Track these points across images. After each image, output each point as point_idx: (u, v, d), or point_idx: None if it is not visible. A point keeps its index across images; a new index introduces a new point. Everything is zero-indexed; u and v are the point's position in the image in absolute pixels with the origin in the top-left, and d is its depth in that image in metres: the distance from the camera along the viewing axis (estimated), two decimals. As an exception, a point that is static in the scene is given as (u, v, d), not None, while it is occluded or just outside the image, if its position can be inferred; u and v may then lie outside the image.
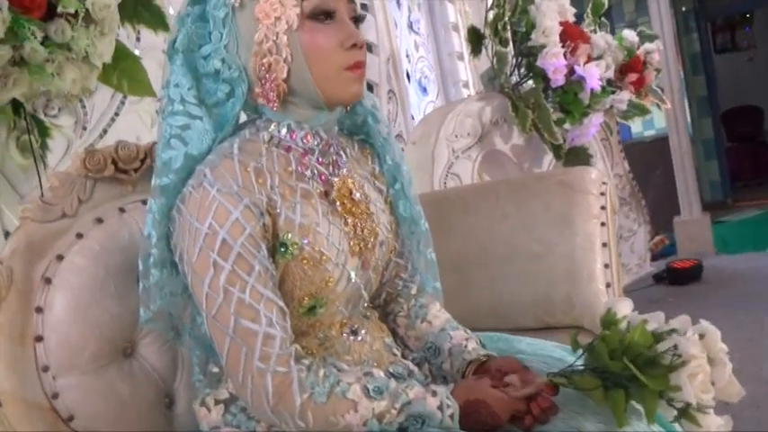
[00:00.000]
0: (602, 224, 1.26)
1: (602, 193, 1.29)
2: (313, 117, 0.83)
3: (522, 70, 1.89)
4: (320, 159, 0.84)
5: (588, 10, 2.55)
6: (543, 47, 1.72)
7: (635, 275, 3.17)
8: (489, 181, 1.67)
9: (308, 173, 0.83)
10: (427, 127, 1.80)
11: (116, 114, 1.50)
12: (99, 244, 0.92)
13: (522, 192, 1.37)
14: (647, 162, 4.28)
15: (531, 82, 1.85)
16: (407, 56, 2.86)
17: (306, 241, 0.78)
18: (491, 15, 1.78)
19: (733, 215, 4.71)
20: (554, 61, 1.69)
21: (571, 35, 1.76)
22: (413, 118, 2.64)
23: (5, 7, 1.00)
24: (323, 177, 0.84)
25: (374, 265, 0.88)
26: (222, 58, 0.81)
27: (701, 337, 0.78)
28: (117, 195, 0.99)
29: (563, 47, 1.74)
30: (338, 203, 0.83)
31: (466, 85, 2.97)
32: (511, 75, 1.87)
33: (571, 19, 1.88)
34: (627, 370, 0.73)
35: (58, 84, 1.13)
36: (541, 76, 1.77)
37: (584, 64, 1.77)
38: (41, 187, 1.30)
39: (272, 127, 0.83)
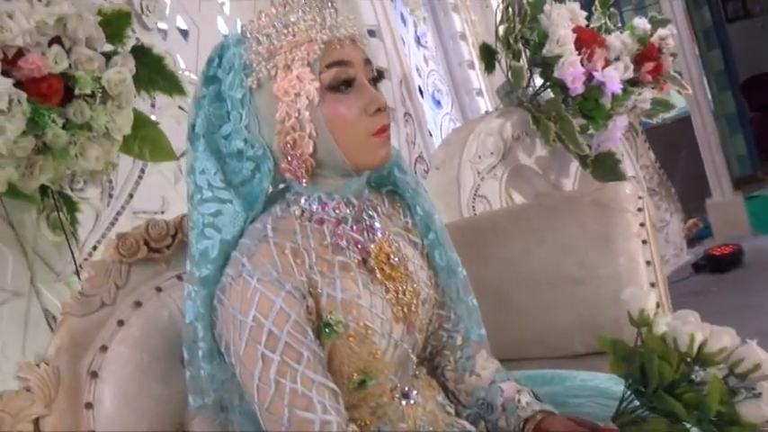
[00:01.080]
0: (644, 242, 1.22)
1: (640, 209, 1.25)
2: (343, 186, 0.81)
3: (539, 80, 1.85)
4: (354, 227, 0.83)
5: (596, 3, 2.50)
6: (559, 57, 1.68)
7: (673, 266, 3.10)
8: (520, 204, 1.64)
9: (344, 243, 0.81)
10: (449, 150, 1.77)
11: (140, 177, 1.51)
12: (140, 330, 0.91)
13: (555, 214, 1.33)
14: (672, 145, 4.18)
15: (549, 92, 1.82)
16: (418, 71, 2.84)
17: (350, 317, 0.77)
18: (501, 30, 1.74)
19: (766, 189, 4.58)
20: (572, 70, 1.65)
21: (586, 41, 1.72)
22: (430, 134, 2.62)
23: (24, 99, 1.01)
24: (359, 246, 0.82)
25: (419, 326, 0.87)
26: (244, 138, 0.79)
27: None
28: (152, 275, 0.98)
29: (579, 54, 1.70)
30: (377, 271, 0.82)
31: (480, 93, 2.94)
32: (527, 87, 1.83)
33: (583, 22, 1.83)
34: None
35: (83, 164, 1.13)
36: (560, 86, 1.73)
37: (603, 68, 1.73)
38: (75, 263, 1.31)
39: (303, 201, 0.81)
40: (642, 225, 1.24)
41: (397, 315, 0.82)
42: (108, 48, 1.21)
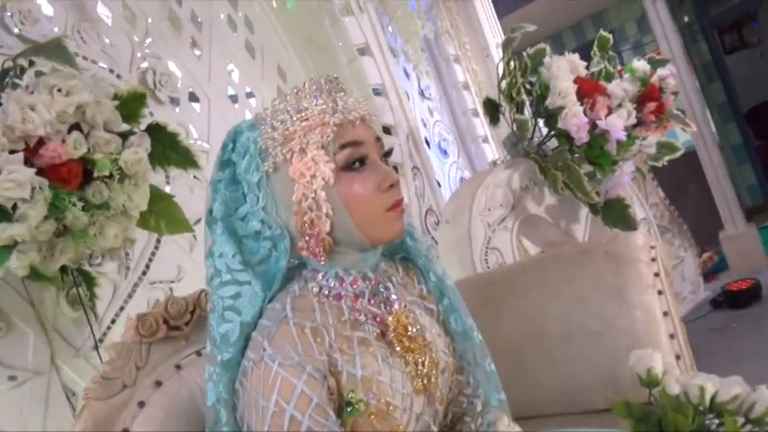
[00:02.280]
0: (660, 292, 1.22)
1: (653, 259, 1.25)
2: (359, 261, 0.83)
3: (543, 129, 1.88)
4: (371, 300, 0.84)
5: (595, 48, 2.55)
6: (562, 108, 1.71)
7: (691, 303, 3.06)
8: (533, 257, 1.65)
9: (362, 318, 0.82)
10: (459, 203, 1.79)
11: (156, 248, 1.53)
12: (162, 410, 0.92)
13: (569, 267, 1.34)
14: (680, 179, 4.18)
15: (554, 140, 1.84)
16: (424, 123, 2.89)
17: (371, 395, 0.77)
18: (504, 84, 1.78)
19: (778, 217, 4.55)
20: (575, 121, 1.68)
21: (587, 91, 1.75)
22: (439, 185, 2.65)
23: (46, 186, 1.04)
24: (377, 319, 0.83)
25: (439, 396, 0.86)
26: (261, 219, 0.82)
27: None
28: (172, 352, 1.00)
29: (581, 104, 1.73)
30: (396, 344, 0.82)
31: (485, 140, 2.99)
32: (532, 137, 1.86)
33: (583, 72, 1.87)
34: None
35: (101, 242, 1.16)
36: (565, 136, 1.76)
37: (606, 116, 1.75)
38: (95, 338, 1.32)
39: (320, 277, 0.83)
40: (656, 275, 1.24)
41: (417, 388, 0.82)
42: (125, 127, 1.25)
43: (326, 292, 0.82)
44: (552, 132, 1.81)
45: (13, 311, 1.26)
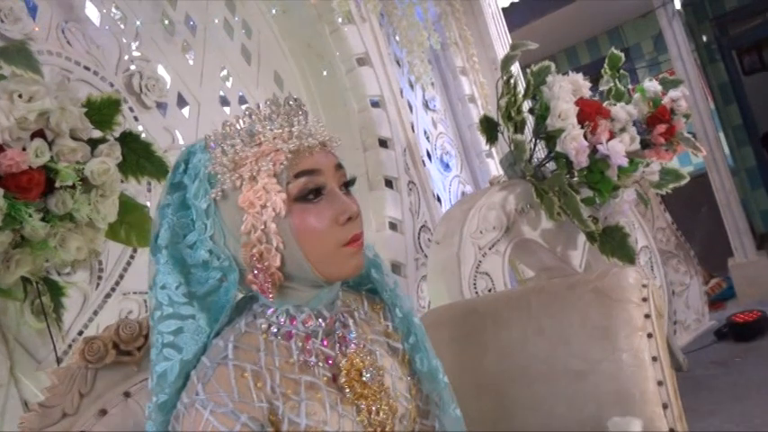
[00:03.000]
0: (649, 335, 1.15)
1: (645, 299, 1.18)
2: (313, 298, 0.77)
3: (542, 151, 1.81)
4: (325, 341, 0.78)
5: (605, 66, 2.48)
6: (561, 131, 1.64)
7: (694, 332, 2.97)
8: (518, 289, 1.58)
9: (312, 359, 0.76)
10: (450, 225, 1.73)
11: (131, 258, 1.48)
12: (101, 443, 0.86)
13: (555, 302, 1.27)
14: (690, 201, 4.09)
15: (553, 163, 1.78)
16: (426, 135, 2.83)
17: None
18: (503, 103, 1.72)
19: (791, 246, 4.43)
20: (575, 144, 1.61)
21: (589, 113, 1.68)
22: (439, 199, 2.59)
23: (0, 195, 0.99)
24: (330, 361, 0.77)
25: None
26: (209, 249, 0.76)
27: None
28: (121, 379, 0.94)
29: (582, 127, 1.66)
30: (347, 389, 0.76)
31: (489, 155, 2.92)
32: (531, 158, 1.79)
33: (587, 94, 1.80)
34: None
35: (62, 255, 1.11)
36: (564, 159, 1.69)
37: (608, 141, 1.68)
38: (55, 352, 1.27)
39: (270, 313, 0.77)
40: (647, 316, 1.17)
41: (369, 438, 0.76)
42: (98, 134, 1.20)
43: (275, 330, 0.76)
44: (551, 154, 1.74)
45: (-29, 319, 1.22)
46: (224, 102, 1.85)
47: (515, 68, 2.74)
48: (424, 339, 0.89)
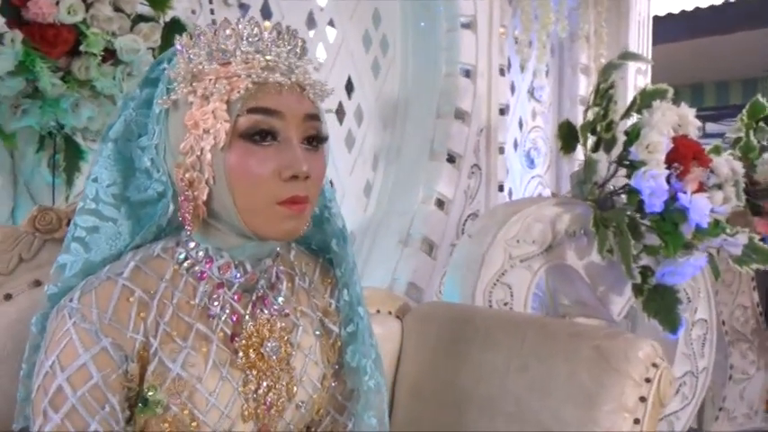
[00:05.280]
0: (636, 421, 0.99)
1: (648, 380, 1.01)
2: (237, 246, 0.69)
3: (622, 180, 1.61)
4: (237, 295, 0.70)
5: (743, 113, 2.18)
6: (643, 164, 1.44)
7: (739, 426, 2.67)
8: (521, 315, 1.42)
9: (216, 309, 0.69)
10: (487, 222, 1.58)
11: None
12: (19, 312, 0.85)
13: (550, 345, 1.12)
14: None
15: (624, 197, 1.57)
16: (520, 123, 2.64)
17: (176, 401, 0.64)
18: (590, 114, 1.52)
19: None
20: (651, 184, 1.41)
21: (683, 155, 1.46)
22: (509, 193, 2.42)
23: (19, 40, 0.98)
24: (234, 317, 0.70)
25: None
26: (152, 158, 0.70)
27: None
28: (67, 257, 0.92)
29: (668, 167, 1.45)
30: (241, 354, 0.69)
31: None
32: (604, 184, 1.60)
33: (693, 133, 1.56)
34: None
35: (72, 120, 1.10)
36: (636, 196, 1.49)
37: (693, 193, 1.46)
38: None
39: (192, 246, 0.70)
40: (643, 400, 1.01)
41: (245, 413, 0.69)
42: (149, 12, 1.17)
43: (188, 266, 0.69)
44: (626, 186, 1.54)
45: (-10, 153, 1.24)
46: (310, 22, 1.77)
47: (628, 81, 2.48)
48: (366, 332, 0.79)
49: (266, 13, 1.67)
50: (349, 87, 1.90)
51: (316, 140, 0.68)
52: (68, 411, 0.60)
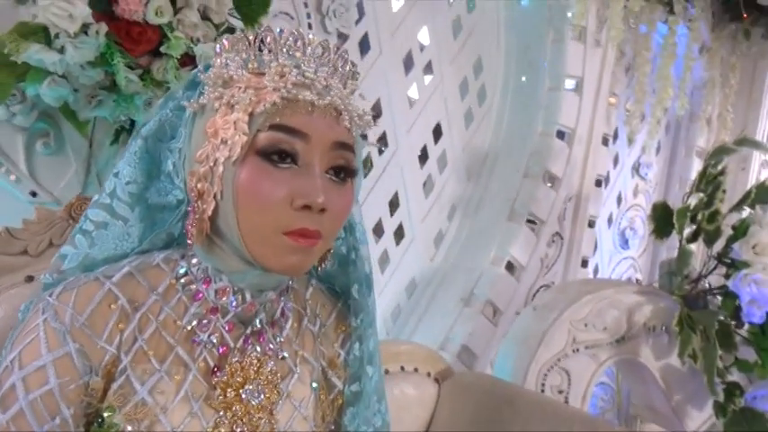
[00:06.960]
0: None
1: None
2: (238, 271, 0.63)
3: (715, 275, 1.42)
4: (230, 325, 0.64)
5: None
6: (746, 265, 1.25)
7: None
8: (569, 411, 1.24)
9: (204, 336, 0.62)
10: (556, 298, 1.44)
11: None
12: (35, 295, 0.83)
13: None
14: None
15: (720, 298, 1.38)
16: (619, 199, 2.46)
17: (131, 427, 0.58)
18: (692, 200, 1.36)
19: None
20: (753, 289, 1.22)
21: (799, 265, 1.26)
22: (595, 271, 2.23)
23: (103, 33, 1.00)
24: (222, 349, 0.63)
25: None
26: (174, 162, 0.66)
27: None
28: (98, 251, 0.90)
29: (778, 275, 1.25)
30: (218, 391, 0.61)
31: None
32: (698, 280, 1.42)
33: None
34: None
35: (143, 116, 1.11)
36: (733, 301, 1.30)
37: (805, 309, 1.25)
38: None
39: (194, 262, 0.65)
40: None
41: (211, 456, 0.61)
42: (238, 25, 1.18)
43: (186, 283, 0.64)
44: (723, 286, 1.35)
45: (71, 138, 1.28)
46: (407, 64, 1.74)
47: (750, 173, 2.23)
48: (372, 396, 0.70)
49: (364, 45, 1.65)
50: (437, 132, 1.84)
51: (343, 172, 0.61)
52: (16, 414, 0.55)
